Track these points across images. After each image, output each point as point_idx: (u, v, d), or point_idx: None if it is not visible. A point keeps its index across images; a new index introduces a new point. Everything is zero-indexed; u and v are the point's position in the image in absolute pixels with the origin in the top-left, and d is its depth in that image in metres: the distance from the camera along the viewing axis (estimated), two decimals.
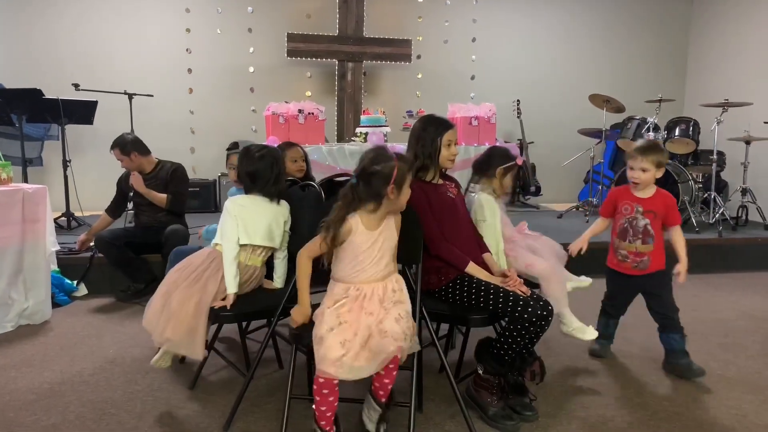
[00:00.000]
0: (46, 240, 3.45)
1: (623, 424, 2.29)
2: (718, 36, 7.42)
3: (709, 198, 5.54)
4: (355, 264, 2.00)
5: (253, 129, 6.75)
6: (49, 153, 5.99)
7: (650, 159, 2.65)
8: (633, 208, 2.75)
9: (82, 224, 5.16)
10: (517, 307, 2.13)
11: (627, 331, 3.34)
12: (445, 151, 2.39)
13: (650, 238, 2.72)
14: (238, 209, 2.40)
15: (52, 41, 6.28)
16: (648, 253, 2.73)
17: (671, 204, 2.73)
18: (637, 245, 2.75)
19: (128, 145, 3.88)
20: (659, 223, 2.73)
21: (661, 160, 2.68)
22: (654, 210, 2.72)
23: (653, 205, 2.73)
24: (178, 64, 6.63)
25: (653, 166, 2.66)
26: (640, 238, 2.73)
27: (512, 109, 7.07)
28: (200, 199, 6.27)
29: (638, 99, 6.62)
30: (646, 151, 2.67)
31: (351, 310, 1.93)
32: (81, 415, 2.33)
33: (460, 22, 7.26)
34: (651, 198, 2.74)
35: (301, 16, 6.85)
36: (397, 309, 1.96)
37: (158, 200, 3.85)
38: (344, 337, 1.85)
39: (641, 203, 2.73)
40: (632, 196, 2.76)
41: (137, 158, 3.90)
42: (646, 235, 2.72)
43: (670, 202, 2.73)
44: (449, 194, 2.45)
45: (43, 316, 3.45)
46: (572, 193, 7.29)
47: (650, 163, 2.65)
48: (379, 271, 2.01)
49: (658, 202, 2.73)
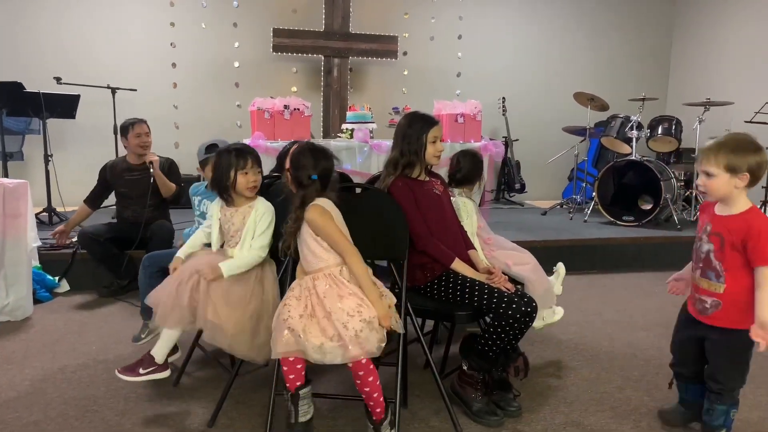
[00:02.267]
0: (27, 235, 3.41)
1: (606, 419, 2.31)
2: (700, 36, 7.51)
3: (691, 196, 5.61)
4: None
5: (238, 124, 6.71)
6: (31, 147, 5.90)
7: (717, 160, 1.91)
8: (704, 225, 2.05)
9: (64, 219, 5.08)
10: (502, 303, 2.15)
11: (608, 328, 3.39)
12: (431, 147, 2.40)
13: (712, 272, 1.98)
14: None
15: (34, 34, 6.18)
16: (712, 294, 2.00)
17: (755, 234, 1.88)
18: (696, 276, 2.07)
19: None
20: (737, 258, 1.92)
21: (735, 162, 1.89)
22: (722, 234, 1.95)
23: (726, 227, 1.94)
24: (162, 58, 6.57)
25: (723, 170, 1.90)
26: (700, 268, 2.04)
27: (498, 107, 7.10)
28: (183, 195, 6.21)
29: (622, 97, 6.68)
30: (710, 149, 1.93)
31: (300, 294, 2.02)
32: (63, 412, 2.30)
33: (446, 19, 7.27)
34: (729, 217, 1.96)
35: (287, 11, 6.81)
36: (343, 310, 1.95)
37: (167, 188, 3.76)
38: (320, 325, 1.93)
39: (714, 221, 2.00)
40: (712, 209, 2.05)
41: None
42: (708, 266, 2.00)
43: (755, 232, 1.88)
44: (435, 191, 2.46)
45: (24, 312, 3.40)
46: (556, 191, 7.35)
47: (718, 166, 1.90)
48: (314, 261, 2.06)
49: (737, 225, 1.92)
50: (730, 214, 1.96)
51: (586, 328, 3.38)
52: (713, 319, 2.00)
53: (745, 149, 1.90)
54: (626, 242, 4.93)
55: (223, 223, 2.39)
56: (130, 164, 3.87)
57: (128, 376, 2.26)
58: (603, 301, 3.89)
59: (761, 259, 1.86)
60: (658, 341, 3.18)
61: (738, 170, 1.89)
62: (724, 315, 1.97)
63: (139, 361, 2.29)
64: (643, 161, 5.44)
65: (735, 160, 1.88)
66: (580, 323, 3.44)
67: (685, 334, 2.15)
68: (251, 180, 2.32)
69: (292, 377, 2.00)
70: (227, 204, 2.37)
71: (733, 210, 1.96)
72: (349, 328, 1.89)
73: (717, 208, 2.01)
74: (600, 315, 3.63)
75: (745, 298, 1.92)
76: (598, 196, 5.63)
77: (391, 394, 2.09)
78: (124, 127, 3.82)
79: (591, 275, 4.60)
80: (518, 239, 3.58)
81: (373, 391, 1.97)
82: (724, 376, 2.03)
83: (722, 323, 1.97)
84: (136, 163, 3.85)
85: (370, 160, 5.62)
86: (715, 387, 2.05)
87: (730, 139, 1.93)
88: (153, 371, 2.28)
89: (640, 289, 4.24)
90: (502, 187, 7.04)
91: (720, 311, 1.97)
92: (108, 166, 3.95)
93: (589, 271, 4.66)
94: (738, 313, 1.94)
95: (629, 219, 5.45)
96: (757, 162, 1.89)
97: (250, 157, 2.32)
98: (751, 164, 1.88)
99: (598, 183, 5.68)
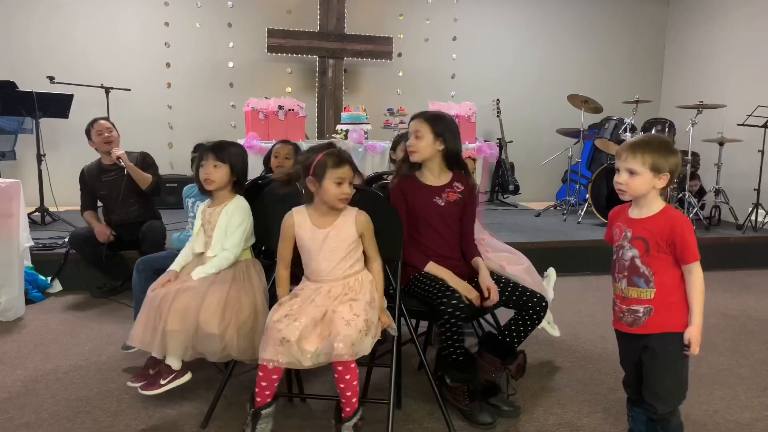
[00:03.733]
0: (19, 235, 3.39)
1: (599, 420, 2.32)
2: (693, 39, 7.55)
3: (684, 198, 5.64)
4: (309, 260, 2.05)
5: (233, 125, 6.70)
6: (23, 147, 5.86)
7: (642, 158, 1.83)
8: (622, 232, 1.94)
9: (57, 219, 5.07)
10: (441, 307, 2.14)
11: (601, 329, 3.40)
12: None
13: (641, 278, 1.87)
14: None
15: (27, 33, 6.15)
16: (643, 301, 1.87)
17: (679, 232, 1.82)
18: (623, 287, 1.93)
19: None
20: (663, 259, 1.85)
21: (660, 162, 1.83)
22: (645, 237, 1.87)
23: (647, 230, 1.87)
24: (157, 58, 6.55)
25: (648, 169, 1.83)
26: (626, 277, 1.91)
27: (492, 108, 7.12)
28: (177, 195, 6.19)
29: (616, 100, 6.72)
30: (635, 147, 1.86)
31: (302, 303, 1.99)
32: (55, 413, 2.29)
33: (441, 20, 7.28)
34: (648, 219, 1.88)
35: (281, 12, 6.81)
36: (352, 307, 1.95)
37: (143, 179, 3.69)
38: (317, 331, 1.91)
39: (632, 225, 1.91)
40: (626, 214, 1.96)
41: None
42: (635, 273, 1.88)
43: (679, 230, 1.82)
44: (437, 200, 2.38)
45: (16, 312, 3.38)
46: (550, 193, 7.38)
47: (643, 165, 1.83)
48: (336, 269, 2.02)
49: (658, 225, 1.85)
50: (650, 215, 1.88)
51: (579, 329, 3.39)
52: (647, 327, 1.87)
53: (668, 150, 1.86)
54: None
55: (204, 224, 2.39)
56: (104, 165, 3.79)
57: (151, 390, 2.21)
58: (596, 303, 3.91)
59: (691, 255, 1.82)
60: None
61: (661, 170, 1.83)
62: (657, 320, 1.86)
63: (157, 373, 2.25)
64: None
65: (660, 160, 1.83)
66: (573, 325, 3.45)
67: (625, 348, 2.02)
68: (204, 173, 2.34)
69: (265, 390, 1.97)
70: (210, 203, 2.40)
71: (651, 211, 1.88)
72: (352, 326, 1.89)
73: (632, 212, 1.93)
74: (593, 317, 3.64)
75: (675, 298, 1.85)
76: (592, 198, 5.65)
77: (385, 395, 2.09)
78: (86, 129, 3.77)
79: (584, 277, 4.61)
80: (512, 241, 3.59)
81: (347, 389, 1.95)
82: (665, 389, 1.87)
83: (657, 329, 1.86)
84: (110, 163, 3.77)
85: (365, 161, 5.63)
86: (658, 409, 1.88)
87: (653, 138, 1.90)
88: (173, 378, 2.23)
89: None
90: (495, 188, 7.05)
91: (653, 317, 1.86)
92: (84, 171, 3.86)
93: (582, 273, 4.68)
94: (671, 316, 1.85)
95: None
96: (676, 164, 1.86)
97: (210, 151, 2.34)
98: (672, 166, 1.85)
99: (592, 185, 5.70)
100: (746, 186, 6.05)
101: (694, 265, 1.83)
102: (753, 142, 5.77)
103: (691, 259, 1.82)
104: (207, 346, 2.15)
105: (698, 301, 1.82)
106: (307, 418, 2.28)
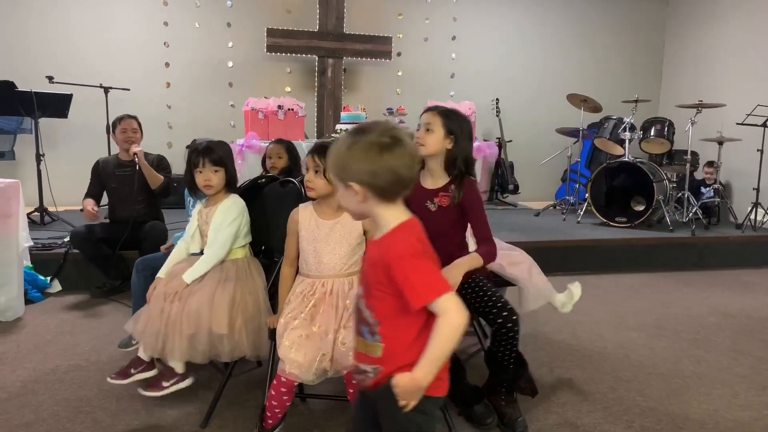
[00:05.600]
0: (18, 235, 3.39)
1: (598, 419, 2.33)
2: (692, 38, 7.56)
3: (683, 197, 5.65)
4: (311, 252, 2.00)
5: (232, 124, 6.70)
6: (22, 147, 5.86)
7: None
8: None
9: (56, 219, 5.07)
10: None
11: (600, 328, 3.40)
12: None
13: (366, 328, 1.35)
14: None
15: (26, 32, 6.14)
16: (370, 359, 1.35)
17: (393, 263, 1.27)
18: (354, 338, 1.49)
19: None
20: (389, 302, 1.30)
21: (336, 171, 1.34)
22: (365, 268, 1.38)
23: (369, 258, 1.37)
24: (156, 57, 6.55)
25: (335, 178, 1.36)
26: (355, 324, 1.44)
27: (491, 108, 7.12)
28: (177, 195, 6.18)
29: (615, 99, 6.72)
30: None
31: (317, 311, 1.94)
32: (55, 413, 2.29)
33: (440, 20, 7.28)
34: (374, 244, 1.37)
35: (281, 12, 6.81)
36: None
37: (154, 179, 3.75)
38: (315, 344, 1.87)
39: (368, 250, 1.43)
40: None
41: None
42: (360, 320, 1.38)
43: (389, 260, 1.27)
44: (429, 204, 2.23)
45: (15, 312, 3.38)
46: (550, 192, 7.38)
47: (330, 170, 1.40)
48: (340, 265, 2.00)
49: (378, 252, 1.33)
50: (380, 237, 1.34)
51: (578, 328, 3.39)
52: (377, 383, 1.34)
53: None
54: (619, 243, 4.96)
55: (200, 225, 2.39)
56: (121, 160, 3.86)
57: (153, 392, 2.22)
58: (595, 302, 3.91)
59: (416, 296, 1.25)
60: (649, 342, 3.20)
61: (344, 179, 1.33)
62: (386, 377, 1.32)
63: (160, 375, 2.26)
64: (635, 163, 5.47)
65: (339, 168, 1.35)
66: (572, 324, 3.46)
67: (359, 416, 1.49)
68: (203, 179, 2.32)
69: (276, 409, 1.94)
70: (206, 203, 2.39)
71: (382, 231, 1.34)
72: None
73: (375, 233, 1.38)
74: (592, 316, 3.64)
75: (409, 360, 1.28)
76: (591, 198, 5.66)
77: None
78: (113, 122, 3.85)
79: (583, 276, 4.61)
80: (511, 240, 3.59)
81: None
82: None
83: (385, 381, 1.31)
84: (127, 159, 3.83)
85: None
86: None
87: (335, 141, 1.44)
88: (177, 382, 2.24)
89: (631, 289, 4.26)
90: (495, 188, 7.05)
91: (382, 379, 1.33)
92: (100, 162, 3.94)
93: (581, 273, 4.68)
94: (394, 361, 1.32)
95: (622, 220, 5.48)
96: (358, 170, 1.31)
97: (205, 156, 2.31)
98: (354, 173, 1.33)
99: (591, 184, 5.71)
100: (745, 185, 6.05)
101: (438, 303, 1.24)
102: (752, 141, 5.77)
103: (418, 300, 1.24)
104: (218, 346, 2.16)
105: (434, 348, 1.24)
106: (308, 419, 2.28)
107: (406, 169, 1.29)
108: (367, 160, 1.28)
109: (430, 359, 1.25)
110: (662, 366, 2.87)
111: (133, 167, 3.79)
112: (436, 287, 1.25)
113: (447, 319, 1.23)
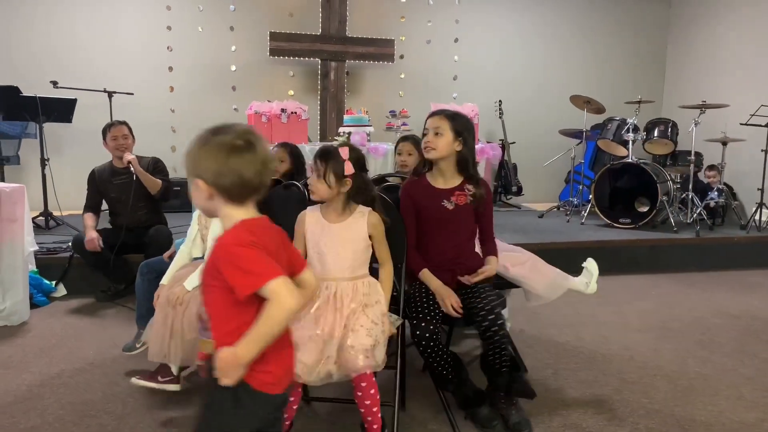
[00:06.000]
0: (24, 240, 3.40)
1: (603, 421, 2.32)
2: (695, 39, 7.55)
3: (687, 198, 5.64)
4: (315, 255, 2.00)
5: None
6: (27, 151, 5.88)
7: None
8: None
9: (61, 224, 5.09)
10: (415, 330, 2.13)
11: (605, 330, 3.39)
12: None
13: (202, 325, 1.48)
14: None
15: (30, 38, 6.18)
16: (206, 357, 1.35)
17: (217, 255, 1.28)
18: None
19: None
20: (217, 294, 1.30)
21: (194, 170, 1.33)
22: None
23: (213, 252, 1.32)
24: (159, 61, 6.57)
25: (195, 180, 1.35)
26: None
27: (494, 110, 7.12)
28: (181, 198, 6.21)
29: (618, 100, 6.70)
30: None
31: (325, 313, 1.93)
32: (60, 417, 2.30)
33: (442, 22, 7.28)
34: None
35: (283, 15, 6.82)
36: (369, 315, 1.93)
37: (152, 184, 3.70)
38: (318, 346, 1.86)
39: None
40: None
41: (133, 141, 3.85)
42: (200, 320, 1.48)
43: (216, 251, 1.28)
44: (446, 203, 2.31)
45: (20, 317, 3.39)
46: (553, 194, 7.37)
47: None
48: (344, 269, 1.99)
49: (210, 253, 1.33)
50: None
51: (582, 330, 3.39)
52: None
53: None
54: (623, 244, 4.95)
55: (201, 229, 2.39)
56: (116, 168, 3.80)
57: (144, 382, 2.30)
58: (599, 304, 3.90)
59: (242, 284, 1.23)
60: (654, 343, 3.19)
61: (201, 176, 1.32)
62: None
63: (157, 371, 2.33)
64: (639, 163, 5.46)
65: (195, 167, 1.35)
66: (576, 325, 3.45)
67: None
68: None
69: (285, 419, 1.94)
70: None
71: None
72: (372, 335, 1.88)
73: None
74: (596, 317, 3.63)
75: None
76: (595, 199, 5.65)
77: (390, 398, 2.09)
78: (103, 130, 3.79)
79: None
80: (515, 242, 3.58)
81: (373, 405, 1.94)
82: None
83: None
84: (121, 166, 3.78)
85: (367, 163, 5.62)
86: None
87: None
88: (168, 382, 2.31)
89: (635, 291, 4.25)
90: (499, 189, 7.05)
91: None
92: (95, 172, 3.86)
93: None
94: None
95: (626, 221, 5.47)
96: (206, 168, 1.32)
97: None
98: (203, 171, 1.33)
99: (595, 185, 5.70)
100: (750, 185, 6.03)
101: (267, 288, 1.22)
102: (756, 141, 5.76)
103: (242, 288, 1.23)
104: None
105: (259, 326, 1.23)
106: (312, 421, 2.28)
107: (253, 173, 1.29)
108: (213, 160, 1.29)
109: (254, 337, 1.23)
110: (667, 367, 2.86)
111: (130, 175, 3.72)
112: (262, 273, 1.23)
113: (276, 302, 1.22)
